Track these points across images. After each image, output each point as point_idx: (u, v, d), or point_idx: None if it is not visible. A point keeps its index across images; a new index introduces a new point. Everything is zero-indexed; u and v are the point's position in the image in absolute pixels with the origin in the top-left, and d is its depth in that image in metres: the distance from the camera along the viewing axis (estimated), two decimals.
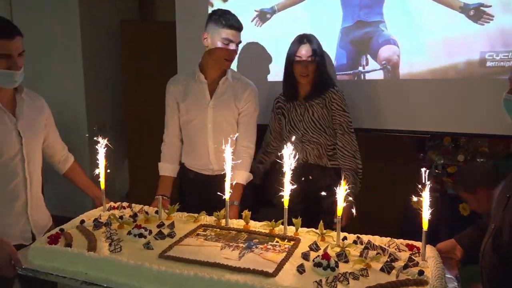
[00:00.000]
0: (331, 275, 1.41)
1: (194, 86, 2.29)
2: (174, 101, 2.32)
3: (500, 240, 1.41)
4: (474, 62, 2.51)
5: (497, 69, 2.47)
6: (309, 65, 2.29)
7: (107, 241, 1.67)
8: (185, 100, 2.29)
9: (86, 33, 3.80)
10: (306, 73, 2.29)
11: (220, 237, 1.75)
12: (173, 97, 2.32)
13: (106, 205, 2.06)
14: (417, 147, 3.05)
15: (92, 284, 1.48)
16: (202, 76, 2.27)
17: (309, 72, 2.29)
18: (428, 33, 2.58)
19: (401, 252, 1.62)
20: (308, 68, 2.28)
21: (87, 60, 3.83)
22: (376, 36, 2.67)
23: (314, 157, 2.35)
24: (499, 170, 2.77)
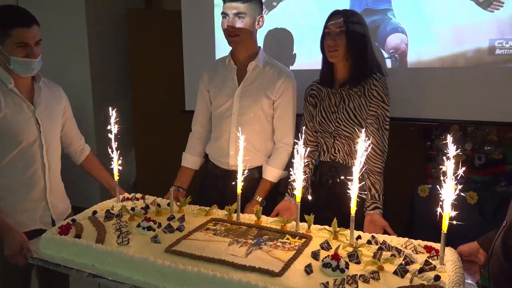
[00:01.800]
0: (339, 277, 1.34)
1: (224, 72, 2.18)
2: (204, 88, 2.23)
3: (510, 238, 1.31)
4: (483, 50, 2.46)
5: (506, 56, 2.41)
6: (338, 37, 1.92)
7: (116, 233, 1.66)
8: (214, 87, 2.19)
9: (92, 22, 3.81)
10: (333, 47, 1.92)
11: (229, 232, 1.71)
12: (204, 84, 2.24)
13: (120, 196, 2.07)
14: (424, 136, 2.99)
15: (98, 277, 1.47)
16: (232, 61, 2.15)
17: (337, 45, 1.92)
18: (437, 21, 2.52)
19: (418, 254, 1.53)
20: (335, 40, 1.92)
21: (93, 49, 3.85)
22: (384, 24, 2.61)
23: (343, 154, 2.02)
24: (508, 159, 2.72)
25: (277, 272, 1.38)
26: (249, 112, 2.10)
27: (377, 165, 1.95)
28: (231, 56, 2.18)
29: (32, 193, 1.89)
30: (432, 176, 2.85)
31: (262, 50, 2.19)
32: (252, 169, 2.08)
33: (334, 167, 2.06)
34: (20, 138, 1.83)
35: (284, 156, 2.13)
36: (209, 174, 2.27)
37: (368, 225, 1.87)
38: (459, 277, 1.34)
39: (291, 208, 2.01)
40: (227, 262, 1.44)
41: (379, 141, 1.96)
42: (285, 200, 2.07)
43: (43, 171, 1.91)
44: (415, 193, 2.78)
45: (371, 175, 1.92)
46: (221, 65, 2.21)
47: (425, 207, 2.66)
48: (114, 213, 1.86)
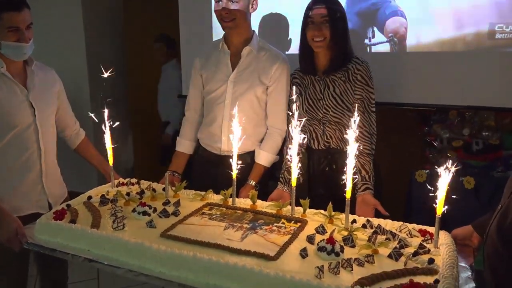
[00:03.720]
0: (334, 260, 1.36)
1: (217, 57, 2.17)
2: (197, 73, 2.23)
3: (505, 221, 1.33)
4: (483, 34, 2.47)
5: (506, 41, 2.42)
6: (323, 27, 1.94)
7: (111, 218, 1.67)
8: (207, 72, 2.18)
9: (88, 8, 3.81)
10: (319, 37, 1.94)
11: (225, 217, 1.72)
12: (197, 69, 2.23)
13: (115, 181, 2.07)
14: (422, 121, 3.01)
15: (93, 261, 1.49)
16: (225, 45, 2.14)
17: (323, 35, 1.94)
18: (437, 4, 2.51)
19: (413, 238, 1.55)
20: (321, 30, 1.93)
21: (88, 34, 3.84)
22: (383, 7, 2.60)
23: (336, 140, 2.06)
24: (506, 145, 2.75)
25: (273, 256, 1.40)
26: (243, 98, 2.09)
27: (366, 147, 1.98)
28: (224, 40, 2.16)
29: (27, 177, 1.90)
30: (429, 161, 2.88)
31: (256, 34, 2.17)
32: (244, 154, 2.09)
33: (329, 153, 2.09)
34: (14, 122, 1.83)
35: (277, 140, 2.15)
36: (200, 159, 2.28)
37: (360, 205, 1.89)
38: (453, 260, 1.36)
39: (284, 196, 2.03)
40: (222, 246, 1.46)
41: (366, 124, 1.99)
42: (278, 188, 2.09)
43: (39, 155, 1.92)
44: (412, 178, 2.81)
45: (360, 157, 1.94)
46: (214, 49, 2.19)
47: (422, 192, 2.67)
48: (109, 198, 1.87)
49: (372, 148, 2.01)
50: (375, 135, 2.04)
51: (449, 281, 1.22)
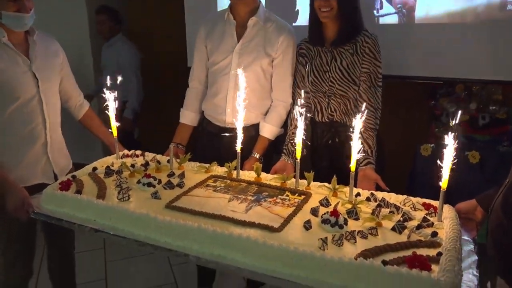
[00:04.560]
0: (338, 233, 1.37)
1: (223, 27, 2.13)
2: (201, 43, 2.19)
3: (510, 196, 1.32)
4: (494, 5, 2.40)
5: None
6: None
7: (116, 189, 1.69)
8: (211, 42, 2.15)
9: None
10: (326, 7, 1.89)
11: (229, 189, 1.73)
12: (201, 39, 2.19)
13: (120, 153, 2.08)
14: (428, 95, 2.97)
15: (99, 231, 1.51)
16: (231, 16, 2.10)
17: (329, 5, 1.89)
18: None
19: (417, 211, 1.55)
20: (328, 0, 1.89)
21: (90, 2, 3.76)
22: None
23: (340, 113, 2.04)
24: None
25: (277, 227, 1.41)
26: (248, 69, 2.05)
27: (370, 122, 1.96)
28: (230, 10, 2.12)
29: (33, 148, 1.90)
30: (435, 135, 2.86)
31: (263, 5, 2.13)
32: (248, 127, 2.08)
33: (333, 127, 2.08)
34: (17, 93, 1.82)
35: (282, 113, 2.13)
36: (204, 131, 2.27)
37: (362, 179, 1.90)
38: (456, 234, 1.36)
39: (287, 168, 2.03)
40: (227, 218, 1.47)
41: (371, 98, 1.97)
42: (281, 160, 2.08)
43: (44, 127, 1.92)
44: (417, 152, 2.80)
45: (363, 132, 1.93)
46: (220, 20, 2.15)
47: (427, 166, 2.68)
48: (114, 169, 1.88)
49: (376, 123, 1.99)
50: (379, 110, 2.02)
51: (452, 254, 1.23)
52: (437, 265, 1.20)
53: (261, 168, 1.85)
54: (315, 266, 1.21)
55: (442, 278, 1.12)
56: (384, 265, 1.17)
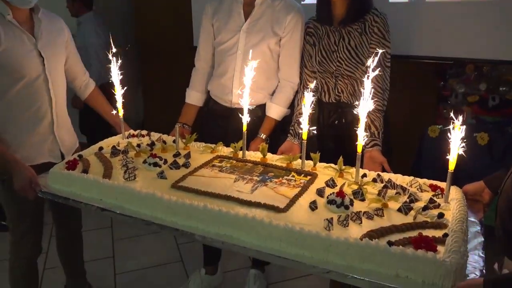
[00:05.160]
0: (344, 213, 1.37)
1: (230, 5, 2.09)
2: (208, 22, 2.16)
3: None
4: None
5: None
6: None
7: (122, 169, 1.69)
8: (218, 21, 2.12)
9: None
10: None
11: (235, 169, 1.73)
12: (208, 18, 2.16)
13: (126, 133, 2.08)
14: (437, 75, 2.92)
15: (106, 210, 1.52)
16: None
17: None
18: None
19: (423, 193, 1.55)
20: None
21: None
22: None
23: (347, 94, 2.02)
24: None
25: (282, 208, 1.41)
26: (256, 49, 2.03)
27: (377, 103, 1.94)
28: None
29: (39, 127, 1.91)
30: (443, 116, 2.83)
31: None
32: (255, 107, 2.06)
33: (340, 107, 2.06)
34: (23, 71, 1.81)
35: (289, 94, 2.11)
36: (210, 111, 2.26)
37: (368, 161, 1.89)
38: (463, 215, 1.36)
39: (294, 149, 2.03)
40: (232, 198, 1.48)
41: (379, 79, 1.93)
42: (288, 140, 2.07)
43: (50, 105, 1.92)
44: (425, 133, 2.78)
45: (371, 113, 1.90)
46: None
47: (435, 148, 2.66)
48: (120, 149, 1.89)
49: (383, 104, 1.97)
50: (387, 91, 1.99)
51: (458, 235, 1.23)
52: (443, 246, 1.20)
53: (267, 149, 1.84)
54: (321, 247, 1.22)
55: (447, 259, 1.12)
56: (390, 245, 1.17)
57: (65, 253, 2.29)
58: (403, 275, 1.15)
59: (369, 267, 1.18)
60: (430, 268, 1.12)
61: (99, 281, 2.57)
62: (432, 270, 1.12)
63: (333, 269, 1.19)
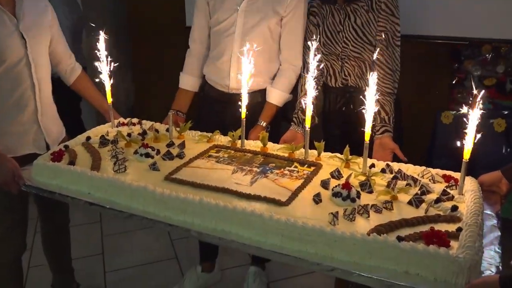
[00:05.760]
0: (350, 206, 1.37)
1: None
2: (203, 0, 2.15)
3: None
4: None
5: None
6: None
7: (111, 160, 1.70)
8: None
9: None
10: None
11: (233, 160, 1.73)
12: None
13: (115, 121, 2.08)
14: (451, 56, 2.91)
15: (95, 205, 1.53)
16: None
17: None
18: None
19: (436, 184, 1.55)
20: None
21: None
22: None
23: (355, 77, 2.03)
24: None
25: (284, 201, 1.42)
26: (254, 30, 2.02)
27: (387, 85, 1.93)
28: None
29: (22, 115, 1.90)
30: (457, 101, 2.83)
31: None
32: (255, 92, 2.06)
33: (347, 92, 2.06)
34: (4, 55, 1.79)
35: (291, 77, 2.10)
36: (206, 97, 2.25)
37: (377, 149, 1.89)
38: (478, 208, 1.36)
39: (297, 138, 2.03)
40: (230, 191, 1.48)
41: (389, 59, 1.93)
42: (291, 129, 2.07)
43: (33, 92, 1.91)
44: (437, 119, 2.78)
45: (380, 97, 1.90)
46: None
47: (448, 135, 2.67)
48: (109, 139, 1.89)
49: (394, 87, 1.97)
50: (398, 72, 1.99)
51: (473, 229, 1.23)
52: (457, 241, 1.20)
53: (268, 137, 1.84)
54: (325, 242, 1.22)
55: (461, 255, 1.12)
56: (399, 241, 1.18)
57: (51, 247, 2.31)
58: (413, 273, 1.15)
59: (377, 264, 1.18)
60: (442, 264, 1.12)
61: (88, 279, 2.59)
62: (445, 267, 1.12)
63: (338, 266, 1.20)
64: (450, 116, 2.73)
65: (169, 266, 2.79)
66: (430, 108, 2.87)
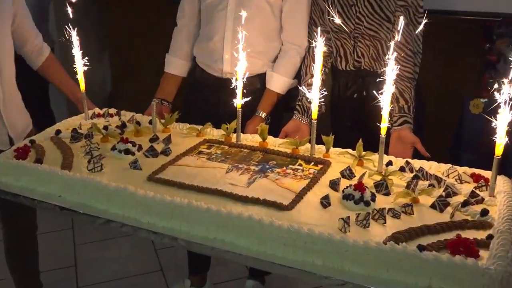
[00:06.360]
0: (364, 211, 1.38)
1: None
2: None
3: None
4: None
5: None
6: None
7: (85, 158, 1.70)
8: None
9: None
10: None
11: (227, 157, 1.74)
12: None
13: (89, 112, 2.08)
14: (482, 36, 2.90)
15: (66, 209, 1.53)
16: None
17: None
18: None
19: (463, 184, 1.56)
20: None
21: None
22: None
23: (369, 59, 2.04)
24: None
25: (287, 205, 1.42)
26: (250, 4, 2.02)
27: (407, 69, 1.93)
28: None
29: None
30: (489, 87, 2.83)
31: None
32: (253, 77, 2.06)
33: (360, 76, 2.06)
34: None
35: (295, 60, 2.11)
36: (196, 83, 2.26)
37: (395, 143, 1.89)
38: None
39: (302, 129, 2.03)
40: (224, 193, 1.48)
41: (409, 39, 1.93)
42: (294, 119, 2.07)
43: None
44: (465, 108, 2.78)
45: (399, 82, 1.90)
46: None
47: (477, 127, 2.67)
48: (82, 132, 1.89)
49: (415, 70, 1.97)
50: (420, 54, 2.00)
51: (506, 237, 1.24)
52: (487, 250, 1.21)
53: (268, 130, 1.84)
54: (334, 252, 1.23)
55: (492, 267, 1.13)
56: (421, 250, 1.18)
57: (16, 254, 2.30)
58: (436, 286, 1.15)
59: (395, 278, 1.18)
60: (470, 277, 1.13)
61: None
62: (473, 280, 1.12)
63: (350, 280, 1.20)
64: (480, 104, 2.72)
65: (153, 279, 2.80)
66: (457, 96, 2.87)
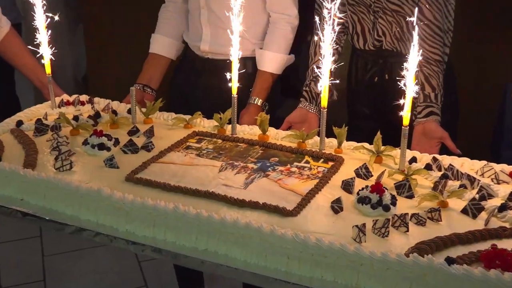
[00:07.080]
0: (382, 217, 1.38)
1: None
2: None
3: None
4: None
5: None
6: None
7: (52, 154, 1.70)
8: None
9: None
10: None
11: (221, 153, 1.74)
12: None
13: (57, 99, 2.08)
14: None
15: (30, 215, 1.53)
16: None
17: None
18: None
19: (501, 185, 1.56)
20: None
21: None
22: None
23: (391, 38, 2.05)
24: None
25: (291, 210, 1.42)
26: None
27: (435, 51, 1.94)
28: None
29: None
30: None
31: None
32: (243, 60, 2.05)
33: (381, 57, 2.07)
34: None
35: (286, 31, 2.12)
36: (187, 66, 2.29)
37: (419, 137, 1.90)
38: None
39: (309, 119, 2.04)
40: (217, 196, 1.48)
41: (438, 15, 1.93)
42: (300, 107, 2.07)
43: None
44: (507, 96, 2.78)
45: (425, 65, 1.91)
46: None
47: None
48: (48, 124, 1.89)
49: (444, 52, 1.98)
50: (451, 33, 2.01)
51: None
52: None
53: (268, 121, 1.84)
54: (348, 266, 1.23)
55: None
56: (449, 264, 1.18)
57: None
58: None
59: None
60: None
61: None
62: None
63: None
64: None
65: None
66: (495, 81, 2.87)
